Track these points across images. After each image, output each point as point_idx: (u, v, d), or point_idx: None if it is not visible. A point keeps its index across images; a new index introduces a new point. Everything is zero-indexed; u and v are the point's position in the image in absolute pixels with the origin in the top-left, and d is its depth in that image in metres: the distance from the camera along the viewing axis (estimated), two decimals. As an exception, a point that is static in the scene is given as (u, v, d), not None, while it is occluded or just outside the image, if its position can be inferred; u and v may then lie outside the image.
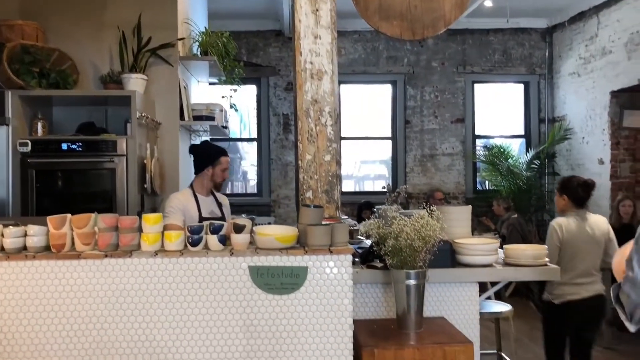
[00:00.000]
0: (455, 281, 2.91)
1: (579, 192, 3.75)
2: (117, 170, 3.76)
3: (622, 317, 1.51)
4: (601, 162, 7.14)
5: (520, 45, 8.41)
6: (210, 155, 3.63)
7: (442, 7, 3.06)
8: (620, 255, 1.58)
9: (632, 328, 1.52)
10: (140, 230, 2.35)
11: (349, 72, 8.15)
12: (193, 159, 3.79)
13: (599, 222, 3.76)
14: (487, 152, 8.17)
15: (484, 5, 6.96)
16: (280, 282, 2.32)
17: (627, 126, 6.99)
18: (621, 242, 5.50)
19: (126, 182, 3.76)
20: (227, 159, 3.68)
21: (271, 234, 2.37)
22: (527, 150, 8.32)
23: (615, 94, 6.94)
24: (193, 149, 3.83)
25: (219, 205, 3.75)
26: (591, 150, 7.34)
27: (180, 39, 4.36)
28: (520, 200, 7.57)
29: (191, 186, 3.67)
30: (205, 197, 3.65)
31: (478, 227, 7.29)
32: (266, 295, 2.32)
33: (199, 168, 3.67)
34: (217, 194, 3.79)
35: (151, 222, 2.34)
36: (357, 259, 2.96)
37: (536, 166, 7.98)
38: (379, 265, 2.84)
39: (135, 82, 3.99)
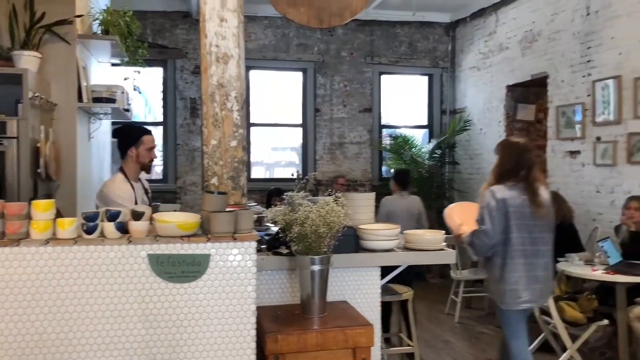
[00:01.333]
0: (359, 266, 2.99)
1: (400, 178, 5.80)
2: (7, 154, 3.49)
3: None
4: (497, 152, 7.56)
5: (425, 38, 8.72)
6: (132, 135, 3.48)
7: (349, -4, 3.11)
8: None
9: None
10: (29, 217, 2.21)
11: (259, 58, 8.08)
12: (117, 142, 3.62)
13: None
14: (392, 142, 8.42)
15: (391, -2, 7.14)
16: (181, 270, 2.27)
17: (520, 119, 7.46)
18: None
19: (17, 166, 3.50)
20: (150, 138, 3.52)
21: (172, 221, 2.31)
22: (429, 140, 8.67)
23: (510, 88, 7.38)
24: (115, 131, 3.66)
25: (146, 192, 3.61)
26: (488, 141, 7.77)
27: (78, 16, 4.11)
28: (422, 188, 7.88)
29: (121, 170, 3.50)
30: (136, 184, 3.49)
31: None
32: (166, 284, 2.27)
33: (123, 151, 3.51)
34: (143, 180, 3.64)
35: (41, 208, 2.20)
36: (263, 246, 2.96)
37: (437, 155, 8.34)
38: (285, 251, 2.85)
39: (27, 60, 3.71)
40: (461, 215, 3.52)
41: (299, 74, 8.51)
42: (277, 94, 8.53)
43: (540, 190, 3.25)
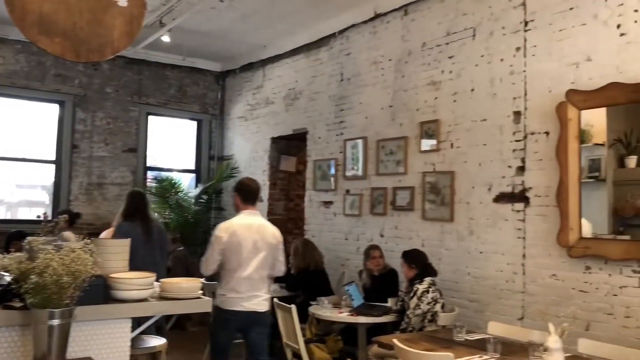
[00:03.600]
0: (107, 318, 2.77)
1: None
2: None
3: None
4: (261, 200, 7.84)
5: (196, 84, 8.79)
6: None
7: (111, 33, 2.97)
8: None
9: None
10: None
11: (7, 85, 7.23)
12: None
13: None
14: (157, 185, 8.18)
15: (162, 40, 7.07)
16: None
17: (283, 169, 7.91)
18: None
19: None
20: None
21: None
22: (196, 185, 8.63)
23: (274, 140, 7.80)
24: None
25: None
26: (252, 189, 8.03)
27: None
28: (187, 234, 7.76)
29: None
30: None
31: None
32: None
33: None
34: None
35: None
36: (-10, 299, 2.56)
37: (204, 201, 8.33)
38: (18, 304, 2.51)
39: None
40: None
41: (56, 106, 7.81)
42: (27, 126, 7.68)
43: None
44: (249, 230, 3.98)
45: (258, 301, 3.93)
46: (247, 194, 4.14)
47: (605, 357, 3.32)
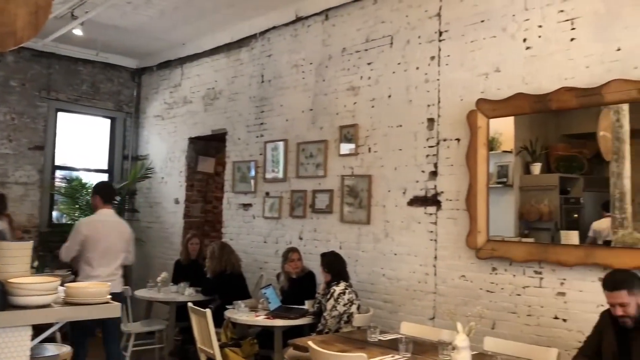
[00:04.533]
0: (5, 326, 2.59)
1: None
2: None
3: None
4: (177, 201, 7.68)
5: (110, 80, 8.45)
6: None
7: (14, 23, 2.77)
8: None
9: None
10: None
11: None
12: None
13: None
14: (67, 185, 7.77)
15: (74, 34, 6.73)
16: None
17: (201, 170, 7.75)
18: (191, 276, 5.94)
19: None
20: None
21: None
22: (109, 186, 8.27)
23: (192, 140, 7.62)
24: None
25: None
26: (169, 190, 7.83)
27: None
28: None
29: None
30: None
31: (54, 262, 6.79)
32: None
33: None
34: None
35: None
36: None
37: (117, 202, 7.99)
38: None
39: None
40: None
41: (-47, 99, 7.25)
42: None
43: None
44: (107, 226, 4.71)
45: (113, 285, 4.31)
46: (108, 195, 4.91)
47: (509, 354, 3.49)
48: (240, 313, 4.80)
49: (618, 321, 3.03)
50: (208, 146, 7.71)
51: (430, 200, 4.77)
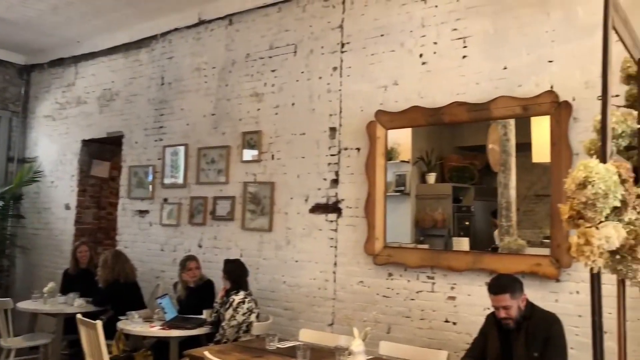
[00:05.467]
0: None
1: None
2: None
3: None
4: (68, 207, 7.24)
5: (-6, 76, 7.83)
6: None
7: None
8: None
9: None
10: None
11: None
12: None
13: None
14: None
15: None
16: None
17: (95, 175, 7.36)
18: (82, 286, 5.65)
19: None
20: None
21: None
22: (-9, 190, 7.65)
23: (86, 143, 7.23)
24: None
25: None
26: (59, 195, 7.36)
27: None
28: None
29: None
30: None
31: None
32: None
33: None
34: None
35: None
36: None
37: (0, 207, 7.42)
38: None
39: None
40: None
41: None
42: None
43: None
44: None
45: None
46: None
47: (402, 357, 3.60)
48: (133, 324, 4.59)
49: (501, 323, 3.22)
50: (103, 149, 7.34)
51: (331, 208, 4.84)
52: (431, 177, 4.63)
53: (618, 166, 1.61)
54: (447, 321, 4.11)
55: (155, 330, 4.47)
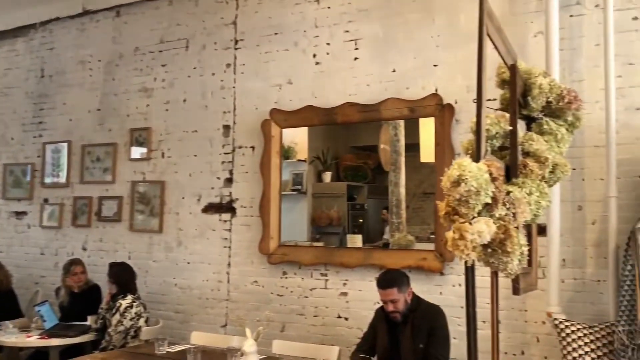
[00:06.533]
0: None
1: None
2: None
3: None
4: None
5: None
6: None
7: None
8: None
9: None
10: None
11: None
12: None
13: None
14: None
15: None
16: None
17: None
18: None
19: None
20: None
21: None
22: None
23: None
24: None
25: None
26: None
27: None
28: None
29: None
30: None
31: None
32: None
33: None
34: None
35: None
36: None
37: None
38: None
39: None
40: None
41: None
42: None
43: None
44: None
45: None
46: None
47: (295, 355, 3.62)
48: (7, 335, 4.23)
49: (390, 316, 3.33)
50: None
51: (225, 207, 4.76)
52: (327, 176, 4.70)
53: (489, 165, 1.71)
54: (339, 317, 4.19)
55: (32, 340, 4.15)
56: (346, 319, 4.16)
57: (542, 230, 3.36)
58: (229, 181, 4.76)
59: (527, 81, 2.36)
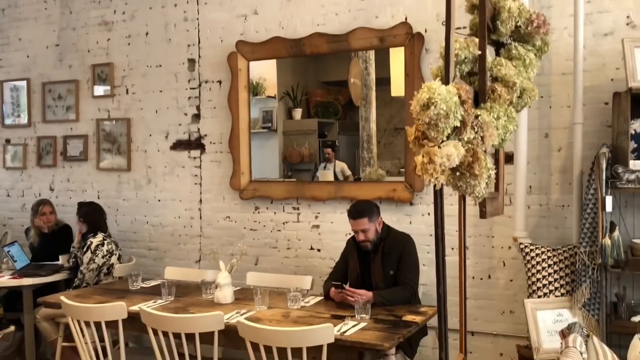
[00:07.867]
0: None
1: None
2: None
3: None
4: None
5: None
6: None
7: None
8: None
9: None
10: None
11: None
12: None
13: None
14: None
15: None
16: None
17: None
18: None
19: None
20: None
21: None
22: None
23: None
24: None
25: None
26: None
27: None
28: None
29: None
30: None
31: None
32: None
33: None
34: None
35: None
36: None
37: None
38: None
39: None
40: None
41: None
42: None
43: None
44: None
45: None
46: None
47: (269, 285, 3.69)
48: (-22, 277, 4.22)
49: (360, 245, 3.40)
50: None
51: (194, 144, 4.69)
52: (297, 113, 4.64)
53: (458, 88, 1.70)
54: (312, 248, 4.25)
55: (4, 280, 4.14)
56: (319, 250, 4.23)
57: (510, 158, 3.42)
58: (197, 117, 4.67)
59: (497, 5, 2.31)
